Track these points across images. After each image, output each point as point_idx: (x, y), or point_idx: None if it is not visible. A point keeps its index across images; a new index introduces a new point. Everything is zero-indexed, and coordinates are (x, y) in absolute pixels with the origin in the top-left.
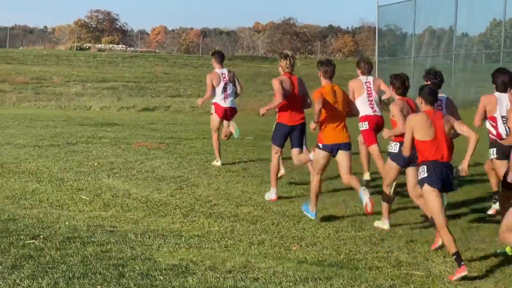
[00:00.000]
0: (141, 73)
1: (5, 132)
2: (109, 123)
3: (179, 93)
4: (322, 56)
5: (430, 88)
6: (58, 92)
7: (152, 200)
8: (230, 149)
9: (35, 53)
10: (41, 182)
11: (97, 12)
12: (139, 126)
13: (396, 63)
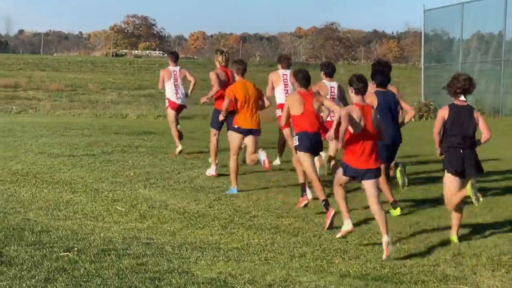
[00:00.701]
0: None
1: (39, 141)
2: (146, 132)
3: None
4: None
5: (304, 73)
6: (93, 99)
7: (190, 211)
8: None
9: (70, 60)
10: (76, 193)
11: (134, 17)
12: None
13: (442, 69)
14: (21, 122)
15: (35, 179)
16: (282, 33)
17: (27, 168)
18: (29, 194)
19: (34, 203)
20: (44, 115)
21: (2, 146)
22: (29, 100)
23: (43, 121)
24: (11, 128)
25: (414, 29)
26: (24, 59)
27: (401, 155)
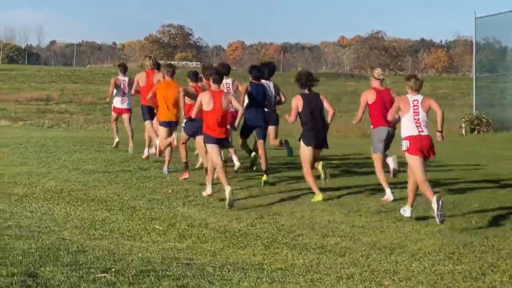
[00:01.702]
0: None
1: (72, 156)
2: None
3: None
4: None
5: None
6: None
7: (231, 230)
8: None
9: (104, 72)
10: (112, 211)
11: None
12: None
13: (495, 80)
14: (53, 136)
15: (69, 197)
16: (325, 43)
17: (61, 185)
18: (63, 212)
19: (69, 222)
20: (77, 129)
21: (35, 162)
22: (61, 114)
23: (77, 136)
24: (43, 143)
25: (465, 38)
26: (56, 71)
27: (450, 169)
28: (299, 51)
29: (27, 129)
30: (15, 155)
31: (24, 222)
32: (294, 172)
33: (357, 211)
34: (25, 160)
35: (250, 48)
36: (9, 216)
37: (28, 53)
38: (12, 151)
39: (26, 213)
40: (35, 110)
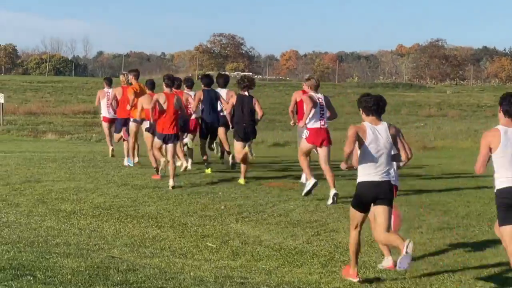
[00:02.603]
0: (270, 104)
1: (121, 171)
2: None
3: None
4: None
5: (168, 78)
6: None
7: (286, 247)
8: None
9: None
10: (162, 228)
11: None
12: (269, 164)
13: None
14: (101, 151)
15: (118, 213)
16: (382, 51)
17: (110, 201)
18: (112, 229)
19: (119, 239)
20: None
21: (83, 177)
22: None
23: None
24: (91, 158)
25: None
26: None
27: None
28: (355, 61)
29: (74, 143)
30: (62, 170)
31: (73, 240)
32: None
33: (417, 228)
34: (73, 175)
35: (304, 57)
36: (57, 234)
37: (75, 64)
38: (60, 166)
39: (74, 230)
40: (82, 124)
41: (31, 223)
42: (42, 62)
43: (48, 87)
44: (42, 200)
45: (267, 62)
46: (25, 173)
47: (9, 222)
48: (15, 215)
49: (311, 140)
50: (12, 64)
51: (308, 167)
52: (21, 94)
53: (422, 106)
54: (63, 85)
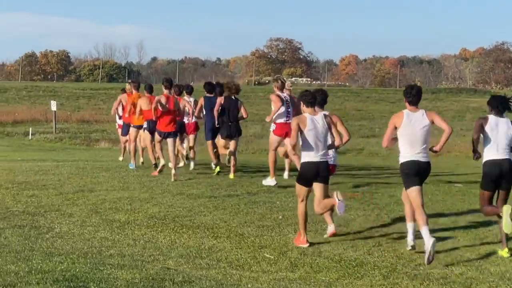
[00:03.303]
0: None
1: (176, 180)
2: (294, 169)
3: (373, 133)
4: None
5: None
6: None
7: (346, 258)
8: (437, 198)
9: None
10: (219, 238)
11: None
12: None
13: None
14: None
15: (173, 223)
16: (445, 55)
17: (165, 211)
18: (167, 240)
19: (174, 250)
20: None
21: (137, 187)
22: None
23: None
24: (146, 166)
25: None
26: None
27: None
28: (417, 65)
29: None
30: (116, 180)
31: (127, 251)
32: None
33: (483, 238)
34: (127, 184)
35: (364, 62)
36: (111, 244)
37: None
38: (113, 176)
39: (128, 241)
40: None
41: (85, 233)
42: (95, 68)
43: (101, 94)
44: (96, 210)
45: (325, 67)
46: (78, 183)
47: (62, 232)
48: (68, 225)
49: (277, 132)
50: (64, 71)
51: (274, 163)
52: (74, 102)
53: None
54: (116, 92)
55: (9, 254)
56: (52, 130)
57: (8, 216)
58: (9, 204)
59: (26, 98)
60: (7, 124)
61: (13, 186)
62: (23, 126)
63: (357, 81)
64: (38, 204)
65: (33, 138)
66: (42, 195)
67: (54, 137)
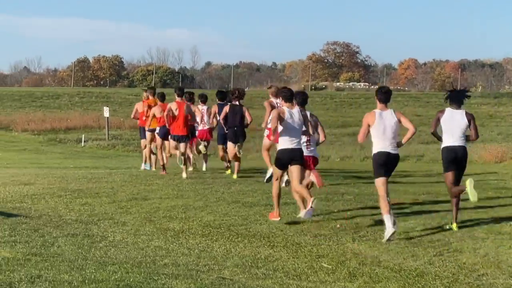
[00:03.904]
0: None
1: (231, 188)
2: (352, 176)
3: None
4: None
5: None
6: None
7: (407, 268)
8: (502, 203)
9: (263, 95)
10: (275, 248)
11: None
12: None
13: None
14: (211, 167)
15: (229, 232)
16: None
17: (220, 220)
18: (222, 249)
19: (229, 259)
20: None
21: (191, 195)
22: None
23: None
24: (200, 174)
25: None
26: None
27: None
28: (479, 69)
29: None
30: (170, 187)
31: (182, 260)
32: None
33: None
34: (181, 192)
35: (423, 66)
36: (165, 254)
37: (182, 76)
38: (167, 183)
39: (183, 250)
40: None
41: (138, 242)
42: (148, 74)
43: None
44: (149, 218)
45: (384, 72)
46: (131, 190)
47: (115, 241)
48: (122, 234)
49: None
50: (117, 76)
51: (268, 156)
52: (127, 108)
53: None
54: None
55: (62, 263)
56: (104, 137)
57: (61, 224)
58: (62, 212)
59: (79, 104)
60: (60, 130)
61: (66, 194)
62: (75, 133)
63: (416, 85)
64: (91, 212)
65: (85, 145)
66: (95, 203)
67: (107, 144)
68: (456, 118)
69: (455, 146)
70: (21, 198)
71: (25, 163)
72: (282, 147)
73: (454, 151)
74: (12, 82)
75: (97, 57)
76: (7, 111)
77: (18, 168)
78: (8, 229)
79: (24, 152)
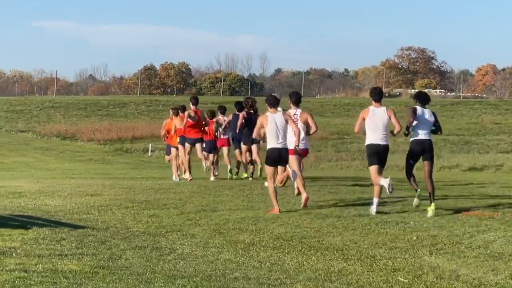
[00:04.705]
0: (465, 124)
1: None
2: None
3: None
4: None
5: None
6: (363, 149)
7: (487, 283)
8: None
9: (335, 102)
10: (349, 261)
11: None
12: (465, 190)
13: None
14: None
15: (301, 244)
16: None
17: (291, 232)
18: (294, 262)
19: (301, 273)
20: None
21: (262, 206)
22: None
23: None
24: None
25: None
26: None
27: None
28: None
29: None
30: (239, 198)
31: (252, 274)
32: None
33: None
34: (251, 203)
35: (502, 72)
36: (235, 267)
37: (251, 83)
38: (237, 194)
39: (254, 263)
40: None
41: (208, 255)
42: (217, 81)
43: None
44: (219, 230)
45: (461, 78)
46: (200, 202)
47: (184, 254)
48: (191, 246)
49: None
50: (184, 84)
51: None
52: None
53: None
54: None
55: (130, 276)
56: None
57: (128, 236)
58: (130, 224)
59: (145, 113)
60: (126, 140)
61: (133, 206)
62: (142, 143)
63: (495, 92)
64: (159, 224)
65: (152, 155)
66: (163, 214)
67: None
68: (426, 115)
69: (422, 139)
70: (88, 210)
71: (91, 174)
72: (270, 146)
73: (422, 143)
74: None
75: (164, 64)
76: (72, 120)
77: (84, 178)
78: (75, 241)
79: (90, 162)
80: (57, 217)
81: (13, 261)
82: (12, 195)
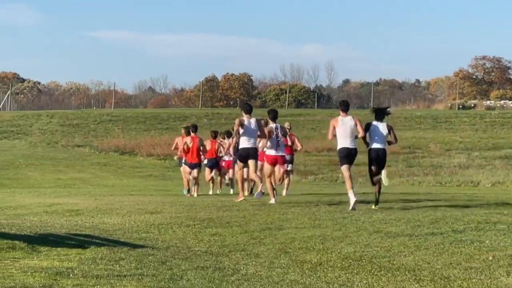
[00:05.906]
0: None
1: (372, 217)
2: (505, 204)
3: None
4: None
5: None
6: (436, 163)
7: None
8: None
9: (406, 115)
10: (421, 282)
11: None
12: None
13: None
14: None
15: (370, 265)
16: None
17: (361, 251)
18: (364, 283)
19: None
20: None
21: (329, 224)
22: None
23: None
24: (339, 201)
25: None
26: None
27: None
28: None
29: (318, 184)
30: (306, 216)
31: None
32: None
33: None
34: (318, 221)
35: None
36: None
37: (317, 95)
38: (303, 212)
39: (321, 284)
40: (327, 162)
41: (273, 276)
42: (282, 93)
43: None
44: (284, 249)
45: None
46: (264, 220)
47: (248, 274)
48: (255, 266)
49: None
50: (247, 96)
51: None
52: None
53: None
54: (305, 119)
55: None
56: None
57: (190, 256)
58: (191, 243)
59: (207, 126)
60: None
61: (195, 224)
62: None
63: None
64: (222, 243)
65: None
66: (226, 233)
67: None
68: (380, 128)
69: (377, 148)
70: (147, 228)
71: (150, 190)
72: (242, 146)
73: (377, 151)
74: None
75: (226, 75)
76: (131, 134)
77: (144, 195)
78: (134, 261)
79: (149, 179)
80: (115, 236)
81: (70, 282)
82: (69, 213)
